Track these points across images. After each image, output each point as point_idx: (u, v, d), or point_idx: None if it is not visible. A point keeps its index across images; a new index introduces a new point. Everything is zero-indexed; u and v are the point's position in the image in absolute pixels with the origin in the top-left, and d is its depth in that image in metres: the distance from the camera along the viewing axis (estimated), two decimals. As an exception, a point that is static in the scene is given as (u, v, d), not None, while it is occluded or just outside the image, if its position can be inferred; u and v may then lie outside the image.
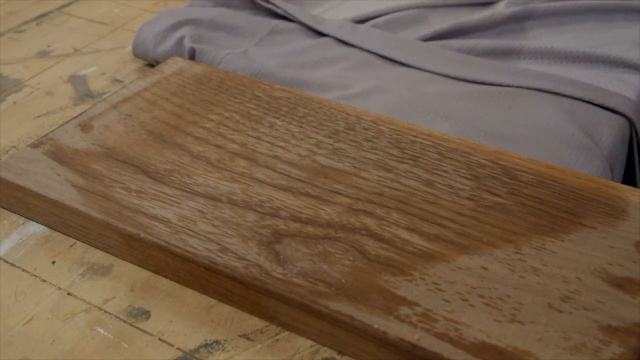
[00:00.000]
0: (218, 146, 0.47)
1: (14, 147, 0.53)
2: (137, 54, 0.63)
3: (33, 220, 0.45)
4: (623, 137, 0.53)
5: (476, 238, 0.39)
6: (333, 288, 0.37)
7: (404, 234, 0.40)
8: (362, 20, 0.65)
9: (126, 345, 0.37)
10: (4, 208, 0.47)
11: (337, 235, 0.40)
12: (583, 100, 0.54)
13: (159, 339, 0.38)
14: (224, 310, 0.39)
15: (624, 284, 0.36)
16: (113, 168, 0.45)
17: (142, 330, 0.38)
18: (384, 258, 0.38)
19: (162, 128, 0.49)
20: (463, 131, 0.51)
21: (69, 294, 0.41)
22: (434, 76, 0.58)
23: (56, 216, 0.44)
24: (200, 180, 0.44)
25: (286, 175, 0.44)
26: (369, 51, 0.61)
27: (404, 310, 0.35)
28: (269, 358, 0.36)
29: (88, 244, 0.44)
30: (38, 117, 0.56)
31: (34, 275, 0.42)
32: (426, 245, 0.39)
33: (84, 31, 0.69)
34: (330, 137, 0.48)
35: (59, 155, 0.47)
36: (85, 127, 0.49)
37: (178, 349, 0.37)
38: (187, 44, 0.59)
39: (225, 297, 0.39)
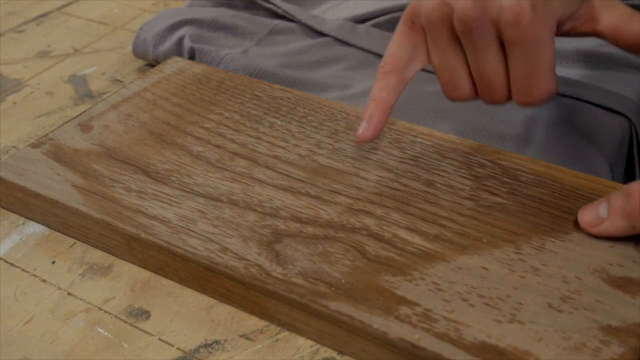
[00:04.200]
0: (218, 146, 0.47)
1: (14, 147, 0.53)
2: (137, 54, 0.63)
3: (33, 220, 0.45)
4: (623, 137, 0.53)
5: (476, 238, 0.40)
6: (333, 288, 0.37)
7: (404, 234, 0.40)
8: (362, 20, 0.65)
9: (126, 345, 0.37)
10: (4, 208, 0.47)
11: (337, 235, 0.40)
12: (583, 101, 0.54)
13: (159, 339, 0.38)
14: (224, 310, 0.39)
15: (624, 284, 0.36)
16: (113, 168, 0.45)
17: (142, 330, 0.38)
18: (384, 258, 0.38)
19: (162, 128, 0.49)
20: (463, 131, 0.51)
21: (69, 294, 0.41)
22: (434, 76, 0.58)
23: (56, 216, 0.44)
24: (200, 180, 0.44)
25: (286, 175, 0.44)
26: (369, 51, 0.61)
27: (404, 310, 0.35)
28: (269, 358, 0.36)
29: (88, 244, 0.44)
30: (38, 117, 0.56)
31: (34, 275, 0.42)
32: (426, 245, 0.39)
33: (84, 31, 0.69)
34: (330, 137, 0.48)
35: (59, 155, 0.47)
36: (85, 127, 0.49)
37: (178, 349, 0.37)
38: (187, 44, 0.59)
39: (225, 297, 0.39)
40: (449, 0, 0.40)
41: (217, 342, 0.37)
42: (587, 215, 0.40)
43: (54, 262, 0.43)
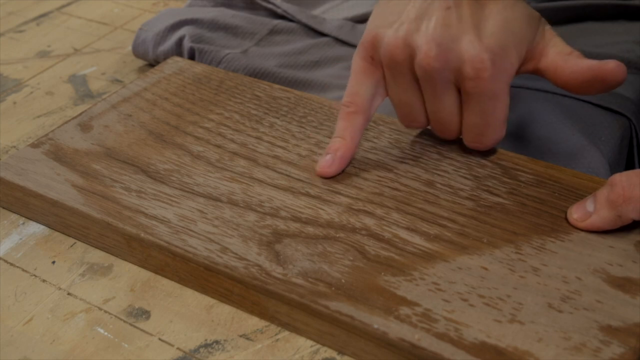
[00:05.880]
0: (218, 146, 0.47)
1: (14, 147, 0.53)
2: (137, 54, 0.63)
3: (33, 220, 0.45)
4: (623, 137, 0.53)
5: (476, 238, 0.40)
6: (333, 288, 0.37)
7: (404, 234, 0.40)
8: (362, 20, 0.65)
9: (126, 345, 0.37)
10: (4, 208, 0.47)
11: (337, 235, 0.40)
12: (583, 100, 0.54)
13: (159, 339, 0.38)
14: (224, 310, 0.39)
15: (624, 284, 0.36)
16: (113, 168, 0.45)
17: (142, 330, 0.38)
18: (384, 258, 0.38)
19: (162, 128, 0.49)
20: (463, 131, 0.51)
21: (69, 294, 0.41)
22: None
23: (56, 216, 0.44)
24: (200, 180, 0.44)
25: (286, 175, 0.44)
26: (369, 51, 0.61)
27: (404, 310, 0.35)
28: (269, 358, 0.36)
29: (88, 244, 0.44)
30: (38, 117, 0.56)
31: (34, 275, 0.42)
32: (426, 245, 0.39)
33: (84, 31, 0.69)
34: (330, 137, 0.48)
35: (59, 155, 0.47)
36: (85, 127, 0.49)
37: (178, 349, 0.37)
38: (187, 44, 0.59)
39: (225, 297, 0.39)
40: (411, 42, 0.40)
41: (217, 342, 0.37)
42: (575, 212, 0.40)
43: (54, 262, 0.43)
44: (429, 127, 0.46)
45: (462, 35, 0.40)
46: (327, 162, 0.44)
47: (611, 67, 0.40)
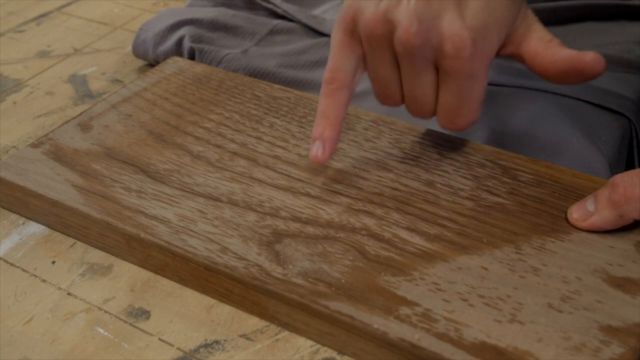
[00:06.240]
0: (218, 146, 0.47)
1: (14, 147, 0.53)
2: (137, 54, 0.63)
3: (33, 220, 0.45)
4: (623, 137, 0.53)
5: (476, 238, 0.40)
6: (333, 288, 0.37)
7: (404, 234, 0.40)
8: (362, 20, 0.65)
9: (126, 345, 0.37)
10: (4, 208, 0.47)
11: (337, 235, 0.40)
12: (583, 100, 0.54)
13: (159, 339, 0.38)
14: (224, 310, 0.39)
15: (624, 284, 0.36)
16: (113, 168, 0.45)
17: (142, 330, 0.38)
18: (384, 258, 0.38)
19: (162, 128, 0.49)
20: (463, 131, 0.51)
21: (69, 294, 0.41)
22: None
23: (56, 216, 0.44)
24: (200, 180, 0.44)
25: (286, 175, 0.44)
26: (368, 51, 0.61)
27: (404, 310, 0.35)
28: (269, 358, 0.37)
29: (88, 244, 0.44)
30: (38, 117, 0.56)
31: (34, 275, 0.42)
32: (426, 245, 0.39)
33: (84, 31, 0.69)
34: (330, 137, 0.48)
35: (59, 155, 0.47)
36: (85, 127, 0.49)
37: (178, 349, 0.37)
38: (187, 44, 0.59)
39: (225, 297, 0.39)
40: (391, 17, 0.39)
41: (217, 342, 0.37)
42: (575, 212, 0.40)
43: (54, 262, 0.43)
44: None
45: (443, 12, 0.39)
46: (319, 152, 0.42)
47: (589, 58, 0.39)
